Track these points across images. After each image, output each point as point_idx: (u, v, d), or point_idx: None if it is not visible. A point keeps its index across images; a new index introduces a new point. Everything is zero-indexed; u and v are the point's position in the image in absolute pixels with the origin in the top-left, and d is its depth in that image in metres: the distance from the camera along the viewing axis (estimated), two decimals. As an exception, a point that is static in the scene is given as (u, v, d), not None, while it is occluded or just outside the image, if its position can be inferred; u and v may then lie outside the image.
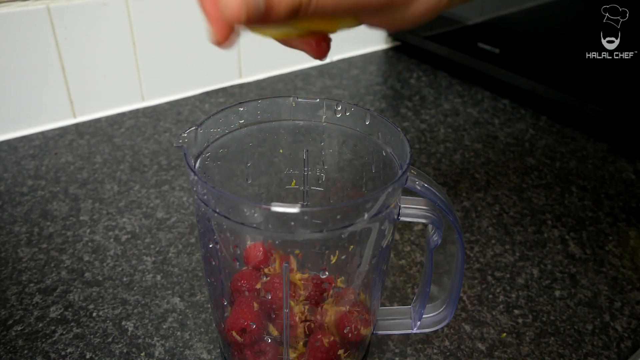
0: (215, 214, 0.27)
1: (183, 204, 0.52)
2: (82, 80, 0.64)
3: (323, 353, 0.32)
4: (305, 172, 0.38)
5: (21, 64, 0.60)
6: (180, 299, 0.42)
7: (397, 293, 0.43)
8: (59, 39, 0.61)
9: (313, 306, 0.33)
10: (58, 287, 0.42)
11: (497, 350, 0.38)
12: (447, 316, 0.34)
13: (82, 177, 0.56)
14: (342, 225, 0.26)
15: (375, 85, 0.79)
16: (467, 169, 0.59)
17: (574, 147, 0.64)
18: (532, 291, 0.44)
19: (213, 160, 0.33)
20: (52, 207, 0.51)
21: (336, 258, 0.31)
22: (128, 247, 0.47)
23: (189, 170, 0.28)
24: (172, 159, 0.59)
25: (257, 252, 0.35)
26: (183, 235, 0.48)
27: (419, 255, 0.47)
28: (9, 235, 0.47)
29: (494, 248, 0.48)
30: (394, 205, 0.29)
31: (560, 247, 0.49)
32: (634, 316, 0.42)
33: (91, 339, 0.38)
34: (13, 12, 0.57)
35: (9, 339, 0.38)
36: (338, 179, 0.38)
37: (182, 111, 0.69)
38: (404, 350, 0.38)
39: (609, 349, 0.39)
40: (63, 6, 0.60)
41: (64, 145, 0.61)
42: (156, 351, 0.37)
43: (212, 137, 0.33)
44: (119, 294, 0.42)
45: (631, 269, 0.46)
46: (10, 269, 0.44)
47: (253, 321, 0.32)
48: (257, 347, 0.33)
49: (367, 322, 0.34)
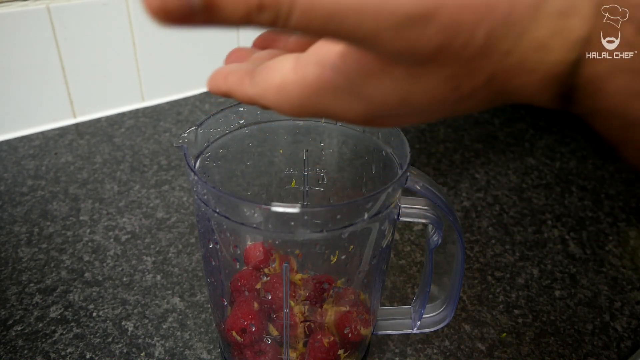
0: (215, 214, 0.27)
1: (183, 204, 0.52)
2: (82, 80, 0.64)
3: (323, 353, 0.32)
4: (305, 172, 0.38)
5: (21, 64, 0.60)
6: (180, 299, 0.42)
7: (397, 293, 0.43)
8: (59, 39, 0.61)
9: (313, 306, 0.33)
10: (58, 287, 0.42)
11: (497, 350, 0.38)
12: (447, 316, 0.34)
13: (82, 177, 0.56)
14: (342, 225, 0.26)
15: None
16: (467, 169, 0.59)
17: (574, 147, 0.64)
18: (532, 291, 0.44)
19: (213, 160, 0.33)
20: (52, 207, 0.51)
21: (336, 258, 0.31)
22: (128, 247, 0.47)
23: (189, 170, 0.28)
24: (172, 159, 0.59)
25: (257, 252, 0.35)
26: (183, 235, 0.48)
27: (419, 255, 0.47)
28: (9, 235, 0.47)
29: (494, 248, 0.48)
30: (394, 205, 0.29)
31: (560, 247, 0.49)
32: (634, 316, 0.42)
33: (91, 339, 0.38)
34: (13, 12, 0.57)
35: (9, 339, 0.38)
36: (338, 179, 0.37)
37: (182, 111, 0.69)
38: (404, 350, 0.38)
39: (609, 349, 0.39)
40: (63, 6, 0.60)
41: (64, 145, 0.61)
42: (156, 351, 0.37)
43: (212, 137, 0.33)
44: (119, 294, 0.42)
45: (631, 269, 0.46)
46: (10, 269, 0.44)
47: (253, 321, 0.32)
48: (257, 347, 0.33)
49: (367, 322, 0.34)
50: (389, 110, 0.18)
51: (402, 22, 0.15)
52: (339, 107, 0.19)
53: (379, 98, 0.18)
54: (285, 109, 0.19)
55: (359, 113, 0.19)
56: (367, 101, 0.18)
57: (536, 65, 0.17)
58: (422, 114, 0.19)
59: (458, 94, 0.18)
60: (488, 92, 0.18)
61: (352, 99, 0.18)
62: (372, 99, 0.18)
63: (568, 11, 0.16)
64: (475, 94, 0.18)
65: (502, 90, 0.18)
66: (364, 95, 0.18)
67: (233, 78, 0.21)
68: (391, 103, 0.18)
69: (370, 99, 0.18)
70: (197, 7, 0.14)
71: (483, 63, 0.17)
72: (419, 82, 0.17)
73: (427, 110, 0.19)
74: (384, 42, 0.15)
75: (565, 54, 0.16)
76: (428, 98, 0.18)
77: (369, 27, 0.15)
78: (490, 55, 0.16)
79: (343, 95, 0.18)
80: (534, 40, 0.16)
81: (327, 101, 0.19)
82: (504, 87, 0.17)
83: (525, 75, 0.17)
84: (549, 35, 0.16)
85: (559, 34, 0.16)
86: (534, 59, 0.16)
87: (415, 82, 0.17)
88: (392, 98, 0.18)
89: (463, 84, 0.17)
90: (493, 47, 0.16)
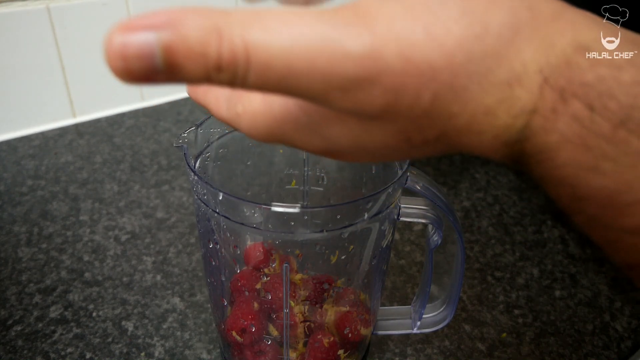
0: (215, 214, 0.27)
1: (183, 204, 0.52)
2: (82, 80, 0.64)
3: (323, 353, 0.32)
4: (305, 172, 0.38)
5: (21, 64, 0.60)
6: (180, 299, 0.42)
7: (397, 293, 0.43)
8: (59, 39, 0.61)
9: (313, 306, 0.33)
10: (58, 287, 0.42)
11: (497, 350, 0.38)
12: (447, 316, 0.34)
13: (82, 177, 0.56)
14: (342, 225, 0.26)
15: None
16: (467, 169, 0.59)
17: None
18: (532, 291, 0.44)
19: (213, 160, 0.33)
20: (52, 207, 0.51)
21: (336, 258, 0.31)
22: (128, 247, 0.46)
23: (189, 170, 0.28)
24: (172, 159, 0.59)
25: (257, 252, 0.35)
26: (183, 235, 0.48)
27: (419, 255, 0.47)
28: (8, 235, 0.47)
29: (494, 248, 0.48)
30: (394, 205, 0.29)
31: (560, 247, 0.49)
32: (634, 316, 0.42)
33: (91, 339, 0.38)
34: (13, 12, 0.57)
35: (8, 339, 0.38)
36: (338, 179, 0.37)
37: (182, 111, 0.69)
38: (404, 350, 0.38)
39: (609, 349, 0.39)
40: (63, 6, 0.60)
41: (63, 145, 0.61)
42: (156, 351, 0.37)
43: (212, 137, 0.33)
44: (118, 294, 0.42)
45: (631, 269, 0.46)
46: (10, 269, 0.44)
47: (253, 321, 0.32)
48: (257, 347, 0.33)
49: (367, 322, 0.34)
50: (346, 149, 0.20)
51: (348, 84, 0.16)
52: (300, 140, 0.20)
53: (334, 139, 0.19)
54: (254, 136, 0.20)
55: (318, 147, 0.20)
56: (324, 138, 0.19)
57: (485, 127, 0.17)
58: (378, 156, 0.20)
59: (410, 144, 0.18)
60: (441, 145, 0.18)
61: (312, 134, 0.19)
62: (329, 138, 0.19)
63: (513, 82, 0.16)
64: (428, 145, 0.18)
65: (454, 144, 0.18)
66: (321, 133, 0.19)
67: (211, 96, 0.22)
68: (346, 145, 0.19)
69: (327, 138, 0.19)
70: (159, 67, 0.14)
71: (431, 122, 0.17)
72: (371, 132, 0.18)
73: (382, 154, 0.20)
74: (333, 101, 0.16)
75: (513, 121, 0.17)
76: (381, 145, 0.19)
77: (319, 88, 0.16)
78: (438, 116, 0.17)
79: (304, 129, 0.19)
80: (482, 106, 0.16)
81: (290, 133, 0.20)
82: (456, 142, 0.18)
83: (475, 136, 0.17)
84: (495, 102, 0.16)
85: (505, 101, 0.16)
86: (483, 121, 0.17)
87: (367, 131, 0.18)
88: (347, 141, 0.19)
89: (413, 138, 0.18)
90: (440, 108, 0.17)
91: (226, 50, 0.15)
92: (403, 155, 0.20)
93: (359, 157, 0.20)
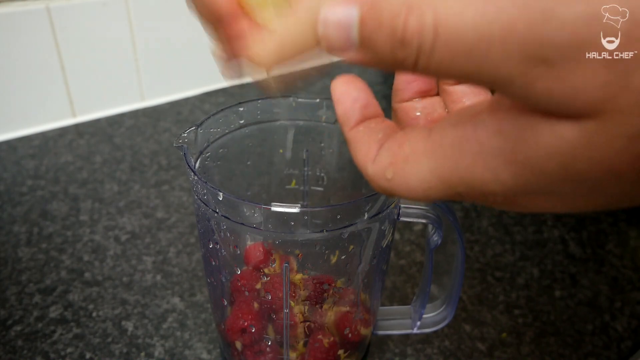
0: (215, 214, 0.27)
1: (183, 204, 0.52)
2: (82, 80, 0.64)
3: (323, 353, 0.32)
4: (305, 172, 0.38)
5: (21, 64, 0.60)
6: (180, 299, 0.42)
7: (397, 293, 0.43)
8: (59, 39, 0.61)
9: (313, 306, 0.33)
10: (58, 287, 0.42)
11: (497, 350, 0.38)
12: (447, 316, 0.34)
13: (82, 177, 0.56)
14: (342, 225, 0.26)
15: (376, 85, 0.78)
16: (467, 169, 0.59)
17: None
18: (532, 291, 0.44)
19: (213, 160, 0.33)
20: (51, 207, 0.51)
21: (336, 258, 0.31)
22: (128, 247, 0.46)
23: (189, 170, 0.28)
24: (172, 159, 0.59)
25: (257, 252, 0.35)
26: (183, 235, 0.48)
27: (419, 255, 0.47)
28: (8, 235, 0.47)
29: (494, 248, 0.48)
30: (394, 205, 0.29)
31: (560, 247, 0.48)
32: (634, 316, 0.42)
33: (91, 339, 0.38)
34: (13, 12, 0.57)
35: (8, 339, 0.38)
36: (338, 179, 0.37)
37: (182, 111, 0.69)
38: (404, 350, 0.38)
39: (609, 349, 0.39)
40: (63, 6, 0.60)
41: (63, 145, 0.61)
42: (156, 351, 0.37)
43: (212, 137, 0.33)
44: (118, 294, 0.42)
45: (631, 269, 0.46)
46: (10, 269, 0.44)
47: (253, 321, 0.32)
48: (257, 347, 0.33)
49: (367, 322, 0.34)
50: (544, 182, 0.14)
51: (555, 54, 0.12)
52: (479, 177, 0.15)
53: (534, 159, 0.14)
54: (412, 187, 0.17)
55: (505, 184, 0.15)
56: (518, 165, 0.14)
57: None
58: (585, 194, 0.14)
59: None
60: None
61: (499, 164, 0.14)
62: (527, 162, 0.14)
63: None
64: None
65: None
66: (517, 156, 0.14)
67: (362, 139, 0.19)
68: (549, 170, 0.14)
69: (524, 162, 0.14)
70: (354, 40, 0.15)
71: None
72: (590, 142, 0.13)
73: (594, 189, 0.14)
74: (533, 82, 0.13)
75: None
76: (601, 168, 0.13)
77: (515, 63, 0.13)
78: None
79: (487, 158, 0.15)
80: None
81: (465, 169, 0.15)
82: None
83: None
84: None
85: None
86: None
87: (584, 140, 0.13)
88: (552, 163, 0.14)
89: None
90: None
91: (413, 21, 0.14)
92: (626, 191, 0.14)
93: (554, 199, 0.15)
